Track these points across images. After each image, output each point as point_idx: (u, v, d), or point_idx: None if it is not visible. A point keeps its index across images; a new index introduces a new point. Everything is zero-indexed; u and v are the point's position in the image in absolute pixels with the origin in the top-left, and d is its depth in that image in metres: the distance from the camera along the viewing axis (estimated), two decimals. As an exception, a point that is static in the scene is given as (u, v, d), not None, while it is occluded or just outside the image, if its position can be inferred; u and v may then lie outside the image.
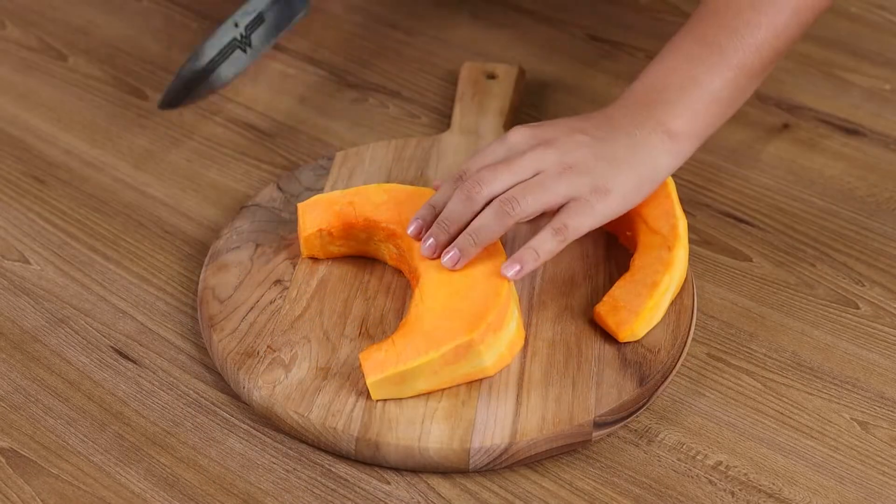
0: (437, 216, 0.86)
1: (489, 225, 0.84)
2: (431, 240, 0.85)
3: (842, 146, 1.07)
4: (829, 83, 1.14)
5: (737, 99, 0.92)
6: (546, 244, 0.84)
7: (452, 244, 0.84)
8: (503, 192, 0.85)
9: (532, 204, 0.84)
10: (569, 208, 0.84)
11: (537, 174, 0.85)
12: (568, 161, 0.85)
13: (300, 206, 0.91)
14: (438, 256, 0.85)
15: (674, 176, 0.96)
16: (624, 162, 0.86)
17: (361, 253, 0.92)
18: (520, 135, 0.88)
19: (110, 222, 1.00)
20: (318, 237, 0.91)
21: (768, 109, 1.11)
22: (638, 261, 0.88)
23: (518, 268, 0.84)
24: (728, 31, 0.90)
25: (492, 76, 1.10)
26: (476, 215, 0.85)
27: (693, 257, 0.96)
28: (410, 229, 0.87)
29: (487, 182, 0.85)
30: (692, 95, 0.89)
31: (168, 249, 0.98)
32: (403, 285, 0.91)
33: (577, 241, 0.93)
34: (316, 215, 0.91)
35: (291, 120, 1.11)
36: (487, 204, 0.85)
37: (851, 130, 1.09)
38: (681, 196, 0.99)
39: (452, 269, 0.84)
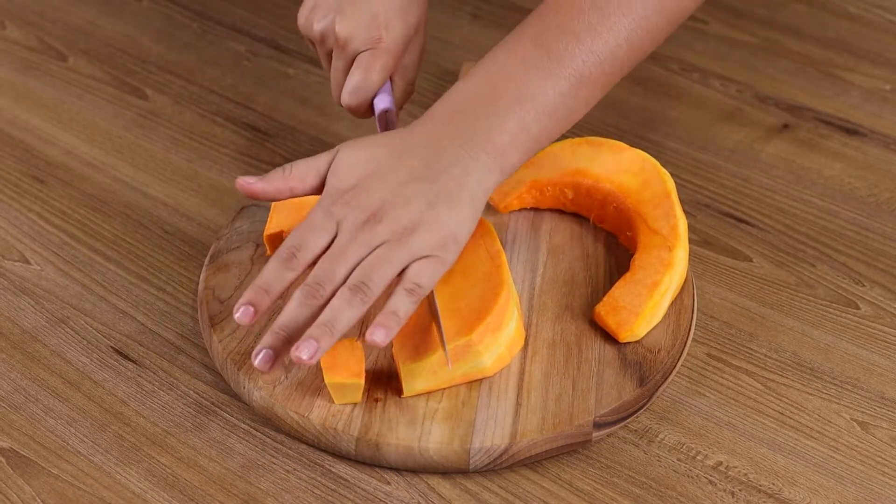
0: (270, 302, 0.79)
1: (345, 312, 0.77)
2: (267, 351, 0.77)
3: (842, 146, 1.07)
4: (829, 83, 1.14)
5: (575, 111, 0.86)
6: (403, 306, 0.78)
7: (305, 335, 0.76)
8: (346, 279, 0.79)
9: (381, 281, 0.79)
10: (417, 267, 0.79)
11: (376, 248, 0.80)
12: (403, 225, 0.80)
13: (274, 204, 0.91)
14: (271, 369, 0.78)
15: (674, 176, 0.97)
16: (457, 199, 0.81)
17: None
18: (346, 206, 0.81)
19: (110, 222, 1.00)
20: (279, 239, 0.90)
21: (768, 109, 1.11)
22: (638, 261, 0.88)
23: (384, 332, 0.77)
24: (569, 35, 0.84)
25: (492, 76, 1.10)
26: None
27: (693, 257, 0.96)
28: (238, 315, 0.78)
29: (327, 279, 0.78)
30: (524, 108, 0.83)
31: (168, 249, 0.98)
32: (403, 285, 0.91)
33: (577, 241, 0.94)
34: (283, 216, 0.90)
35: (291, 120, 1.11)
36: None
37: (851, 130, 1.09)
38: (681, 196, 0.99)
39: (307, 363, 0.76)
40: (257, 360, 0.78)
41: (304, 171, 0.84)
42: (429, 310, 0.84)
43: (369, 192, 0.81)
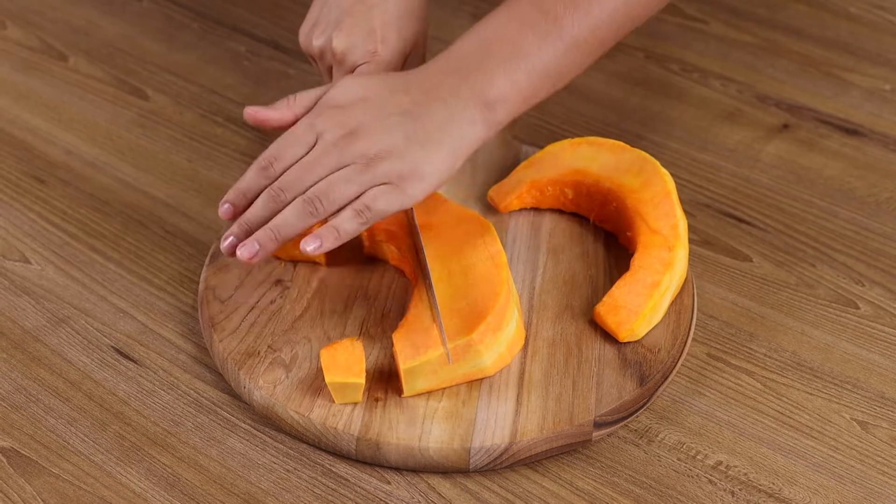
0: (247, 204, 0.84)
1: (291, 222, 0.82)
2: (232, 238, 0.83)
3: (841, 146, 1.07)
4: (828, 83, 1.14)
5: (567, 72, 0.88)
6: (346, 224, 0.82)
7: (251, 237, 0.82)
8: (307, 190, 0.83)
9: (337, 200, 0.82)
10: (375, 191, 0.82)
11: (343, 167, 0.83)
12: (376, 150, 0.83)
13: None
14: (234, 254, 0.83)
15: (674, 176, 0.97)
16: (436, 140, 0.84)
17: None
18: (329, 120, 0.85)
19: (111, 222, 1.00)
20: None
21: (768, 109, 1.11)
22: (638, 261, 0.88)
23: (318, 243, 0.81)
24: (566, 0, 0.87)
25: (492, 76, 1.10)
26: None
27: (693, 257, 0.96)
28: (220, 211, 0.85)
29: (292, 187, 0.83)
30: (517, 66, 0.86)
31: (169, 249, 0.98)
32: (404, 285, 0.91)
33: (577, 241, 0.94)
34: None
35: (292, 120, 1.11)
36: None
37: (851, 130, 1.09)
38: (681, 196, 0.99)
39: (248, 261, 0.82)
40: (223, 246, 0.84)
41: (307, 98, 0.88)
42: (429, 308, 0.84)
43: (353, 113, 0.85)
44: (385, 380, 0.84)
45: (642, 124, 1.10)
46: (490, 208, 0.97)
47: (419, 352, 0.82)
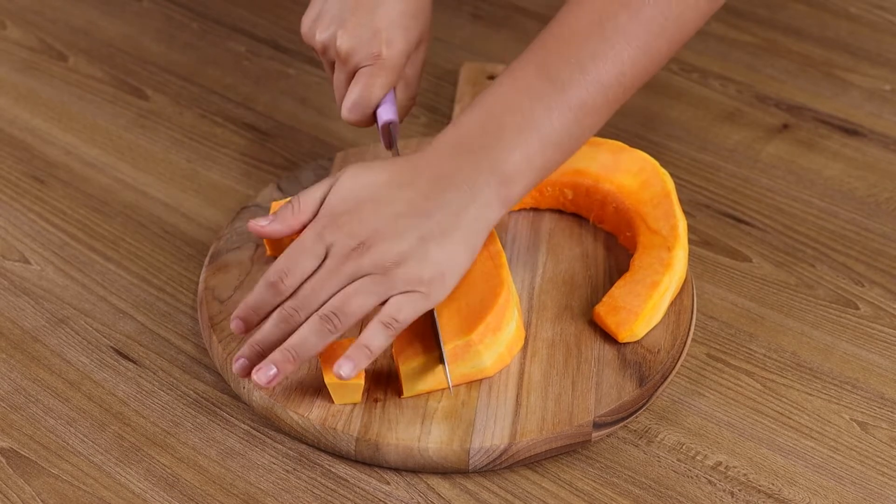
0: (258, 320, 0.81)
1: (310, 341, 0.79)
2: (243, 360, 0.81)
3: (841, 146, 1.07)
4: (828, 83, 1.14)
5: (580, 139, 0.85)
6: (376, 340, 0.79)
7: (268, 359, 0.79)
8: (322, 306, 0.80)
9: (355, 313, 0.79)
10: (398, 300, 0.79)
11: (360, 279, 0.80)
12: (392, 258, 0.79)
13: (273, 203, 0.92)
14: (249, 375, 0.80)
15: (674, 176, 0.97)
16: (452, 235, 0.81)
17: None
18: (339, 231, 0.81)
19: (110, 222, 1.00)
20: (280, 240, 0.90)
21: (768, 109, 1.11)
22: (638, 261, 0.88)
23: (351, 366, 0.78)
24: (572, 65, 0.83)
25: (492, 76, 1.10)
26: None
27: (693, 257, 0.96)
28: (232, 326, 0.82)
29: (305, 306, 0.79)
30: (529, 139, 0.82)
31: (168, 250, 0.98)
32: (403, 285, 0.91)
33: (576, 241, 0.94)
34: None
35: (291, 120, 1.11)
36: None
37: (851, 131, 1.09)
38: (681, 196, 0.99)
39: (266, 386, 0.79)
40: (235, 367, 0.81)
41: (311, 202, 0.84)
42: (429, 320, 0.84)
43: (362, 219, 0.81)
44: (384, 380, 0.84)
45: (642, 124, 1.10)
46: (490, 208, 0.97)
47: (419, 353, 0.82)
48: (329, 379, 0.81)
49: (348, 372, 0.78)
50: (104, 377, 0.88)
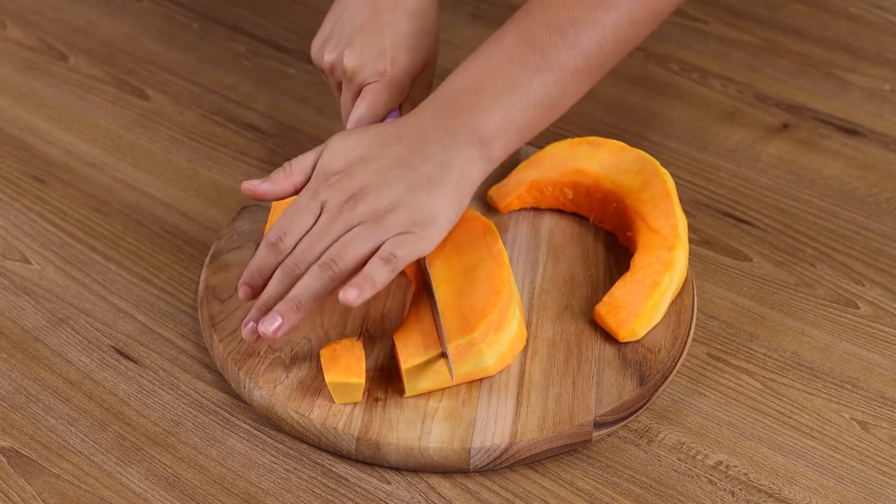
0: (263, 283, 0.83)
1: (312, 288, 0.80)
2: (252, 324, 0.82)
3: (841, 146, 1.07)
4: (828, 83, 1.14)
5: (562, 101, 0.88)
6: (378, 274, 0.80)
7: (273, 310, 0.80)
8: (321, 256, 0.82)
9: (352, 258, 0.81)
10: (394, 240, 0.81)
11: (354, 228, 0.82)
12: (383, 205, 0.82)
13: (274, 204, 0.92)
14: (258, 339, 0.82)
15: (674, 176, 0.97)
16: (439, 184, 0.83)
17: None
18: (331, 187, 0.84)
19: (111, 222, 1.00)
20: None
21: (768, 109, 1.11)
22: (638, 261, 0.88)
23: (357, 292, 0.79)
24: (553, 29, 0.86)
25: (492, 76, 1.10)
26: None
27: (693, 257, 0.96)
28: (240, 294, 0.83)
29: (304, 259, 0.81)
30: (509, 100, 0.85)
31: (168, 249, 0.98)
32: (404, 285, 0.91)
33: (577, 241, 0.94)
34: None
35: (291, 120, 1.11)
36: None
37: (851, 130, 1.09)
38: (681, 196, 0.99)
39: (271, 336, 0.80)
40: (244, 332, 0.82)
41: (303, 165, 0.86)
42: (430, 309, 0.84)
43: (353, 175, 0.84)
44: (385, 380, 0.84)
45: (642, 124, 1.10)
46: (490, 208, 0.97)
47: (420, 352, 0.82)
48: (330, 379, 0.81)
49: (354, 297, 0.79)
50: (105, 377, 0.88)
